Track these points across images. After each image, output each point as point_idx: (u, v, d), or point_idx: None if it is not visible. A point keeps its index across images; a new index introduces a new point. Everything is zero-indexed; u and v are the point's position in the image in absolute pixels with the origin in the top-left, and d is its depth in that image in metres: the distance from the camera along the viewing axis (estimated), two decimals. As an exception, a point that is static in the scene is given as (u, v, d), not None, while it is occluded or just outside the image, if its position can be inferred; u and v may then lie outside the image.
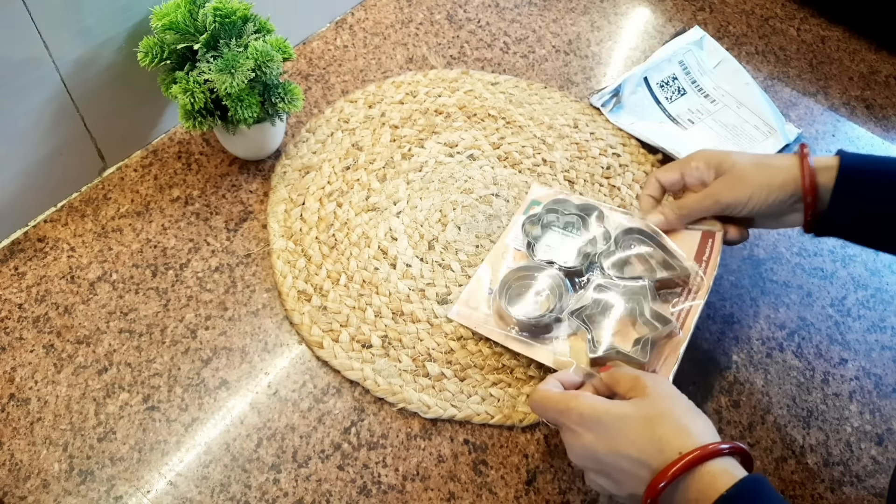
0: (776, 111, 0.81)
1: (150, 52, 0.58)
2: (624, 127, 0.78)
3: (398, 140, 0.73)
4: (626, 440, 0.44)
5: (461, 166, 0.72)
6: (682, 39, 0.85)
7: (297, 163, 0.70)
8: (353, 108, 0.76)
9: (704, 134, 0.79)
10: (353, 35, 0.83)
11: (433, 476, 0.54)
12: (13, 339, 0.57)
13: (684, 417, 0.45)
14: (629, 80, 0.81)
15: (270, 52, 0.58)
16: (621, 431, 0.45)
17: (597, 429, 0.45)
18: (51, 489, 0.51)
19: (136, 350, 0.58)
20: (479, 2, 0.89)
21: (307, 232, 0.66)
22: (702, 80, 0.83)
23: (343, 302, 0.62)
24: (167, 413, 0.55)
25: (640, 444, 0.44)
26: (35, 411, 0.54)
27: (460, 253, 0.66)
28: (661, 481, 0.42)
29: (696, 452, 0.42)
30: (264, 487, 0.52)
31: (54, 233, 0.63)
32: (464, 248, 0.66)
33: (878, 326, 0.66)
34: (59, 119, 0.60)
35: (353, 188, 0.69)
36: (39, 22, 0.54)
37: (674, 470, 0.42)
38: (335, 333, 0.60)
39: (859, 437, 0.59)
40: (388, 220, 0.67)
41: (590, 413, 0.46)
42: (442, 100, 0.78)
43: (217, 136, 0.69)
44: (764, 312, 0.66)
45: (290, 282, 0.62)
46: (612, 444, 0.45)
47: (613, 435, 0.45)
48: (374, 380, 0.58)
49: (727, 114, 0.81)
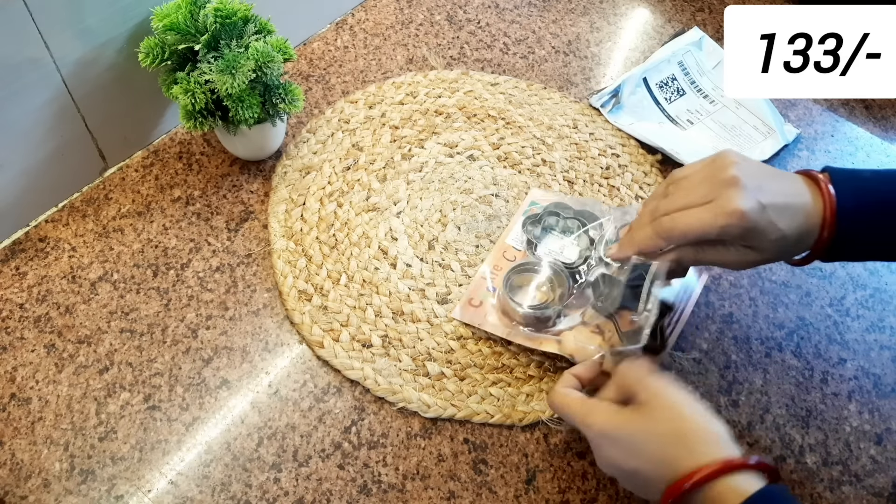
0: (775, 112, 0.81)
1: (151, 52, 0.58)
2: (623, 127, 0.78)
3: (398, 140, 0.74)
4: (643, 458, 0.46)
5: (461, 167, 0.72)
6: (681, 40, 0.86)
7: (298, 163, 0.70)
8: (353, 108, 0.76)
9: (703, 134, 0.79)
10: (354, 36, 0.83)
11: (433, 475, 0.54)
12: (14, 339, 0.57)
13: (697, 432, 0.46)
14: (628, 80, 0.81)
15: (271, 52, 0.58)
16: (637, 448, 0.46)
17: (616, 444, 0.47)
18: (52, 488, 0.51)
19: (137, 350, 0.58)
20: (478, 3, 0.89)
21: (308, 232, 0.66)
22: (701, 80, 0.84)
23: (343, 302, 0.62)
24: (168, 412, 0.55)
25: (656, 463, 0.45)
26: (36, 411, 0.54)
27: (460, 253, 0.66)
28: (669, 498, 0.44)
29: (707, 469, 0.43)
30: (265, 486, 0.52)
31: (55, 233, 0.64)
32: (464, 248, 0.66)
33: (876, 326, 0.67)
34: (61, 119, 0.60)
35: (354, 188, 0.69)
36: (40, 22, 0.54)
37: (688, 485, 0.43)
38: (335, 333, 0.60)
39: (858, 437, 0.60)
40: (388, 221, 0.67)
41: (608, 430, 0.47)
42: (442, 100, 0.78)
43: (218, 136, 0.69)
44: (763, 312, 0.66)
45: (291, 282, 0.62)
46: (630, 461, 0.46)
47: (631, 451, 0.46)
48: (375, 379, 0.58)
49: (726, 114, 0.81)
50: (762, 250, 0.50)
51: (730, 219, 0.47)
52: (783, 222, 0.48)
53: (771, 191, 0.48)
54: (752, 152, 0.77)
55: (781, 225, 0.48)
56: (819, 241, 0.50)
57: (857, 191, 0.50)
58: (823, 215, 0.49)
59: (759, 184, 0.48)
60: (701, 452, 0.44)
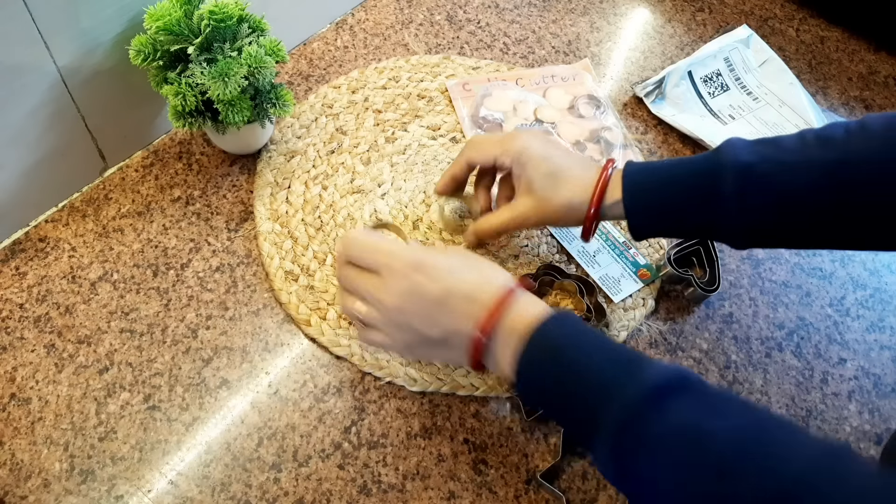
0: (819, 112, 0.81)
1: (143, 51, 0.57)
2: (665, 118, 0.79)
3: (382, 124, 0.75)
4: (456, 277, 0.46)
5: (444, 149, 0.74)
6: (729, 37, 0.86)
7: (283, 147, 0.71)
8: (336, 93, 0.76)
9: (744, 130, 0.80)
10: (354, 36, 0.83)
11: (433, 475, 0.54)
12: (14, 339, 0.57)
13: (486, 267, 0.49)
14: (673, 72, 0.82)
15: (264, 57, 0.58)
16: (451, 271, 0.47)
17: (426, 270, 0.46)
18: (52, 488, 0.51)
19: (137, 350, 0.58)
20: (478, 3, 0.89)
21: (293, 214, 0.67)
22: (746, 77, 0.84)
23: (330, 281, 0.63)
24: (168, 412, 0.55)
25: (471, 281, 0.47)
26: (36, 411, 0.54)
27: (444, 233, 0.68)
28: (495, 313, 0.45)
29: (516, 283, 0.47)
30: (265, 486, 0.52)
31: (55, 233, 0.64)
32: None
33: (876, 326, 0.67)
34: (60, 119, 0.60)
35: (338, 171, 0.70)
36: (41, 23, 0.54)
37: (505, 300, 0.45)
38: (322, 311, 0.61)
39: (858, 437, 0.60)
40: (373, 202, 0.68)
41: (421, 255, 0.47)
42: (424, 84, 0.79)
43: (206, 132, 0.69)
44: (763, 312, 0.66)
45: (278, 263, 0.63)
46: (443, 283, 0.46)
47: (443, 275, 0.46)
48: (362, 355, 0.59)
49: (769, 112, 0.82)
50: (535, 193, 0.56)
51: (504, 149, 0.58)
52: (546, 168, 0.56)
53: (552, 153, 0.57)
54: None
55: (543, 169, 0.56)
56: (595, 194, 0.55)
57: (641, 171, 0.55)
58: (597, 180, 0.55)
59: (546, 147, 0.57)
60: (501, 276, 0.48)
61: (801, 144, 0.49)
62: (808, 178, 0.48)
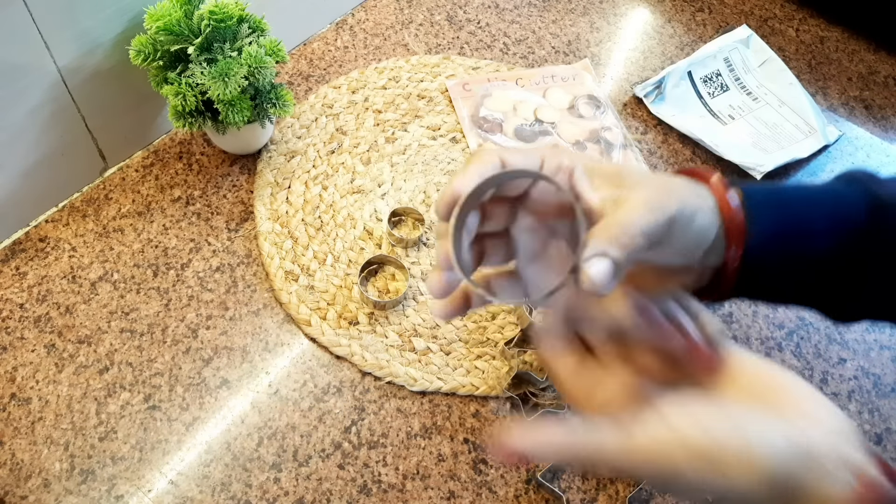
0: (819, 113, 0.81)
1: (143, 51, 0.58)
2: (665, 118, 0.79)
3: (382, 124, 0.75)
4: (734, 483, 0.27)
5: (444, 149, 0.74)
6: (728, 37, 0.86)
7: (283, 148, 0.71)
8: (336, 93, 0.77)
9: (744, 130, 0.80)
10: (354, 36, 0.83)
11: (433, 475, 0.54)
12: (14, 339, 0.57)
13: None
14: (673, 72, 0.82)
15: (264, 57, 0.58)
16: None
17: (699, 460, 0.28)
18: (52, 488, 0.51)
19: (137, 350, 0.58)
20: (478, 3, 0.89)
21: (293, 214, 0.67)
22: (745, 77, 0.84)
23: (330, 281, 0.63)
24: (168, 412, 0.55)
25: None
26: (36, 411, 0.54)
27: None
28: None
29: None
30: (265, 486, 0.52)
31: (56, 233, 0.64)
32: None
33: (876, 326, 0.67)
34: (61, 119, 0.60)
35: (338, 171, 0.70)
36: (41, 23, 0.54)
37: None
38: (322, 311, 0.61)
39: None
40: (373, 202, 0.68)
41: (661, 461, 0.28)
42: (424, 84, 0.79)
43: (206, 132, 0.69)
44: (763, 312, 0.66)
45: (278, 263, 0.63)
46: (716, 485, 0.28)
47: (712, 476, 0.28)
48: (362, 355, 0.59)
49: (768, 112, 0.82)
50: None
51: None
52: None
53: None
54: (792, 150, 0.77)
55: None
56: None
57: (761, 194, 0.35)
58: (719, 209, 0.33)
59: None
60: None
61: None
62: None
